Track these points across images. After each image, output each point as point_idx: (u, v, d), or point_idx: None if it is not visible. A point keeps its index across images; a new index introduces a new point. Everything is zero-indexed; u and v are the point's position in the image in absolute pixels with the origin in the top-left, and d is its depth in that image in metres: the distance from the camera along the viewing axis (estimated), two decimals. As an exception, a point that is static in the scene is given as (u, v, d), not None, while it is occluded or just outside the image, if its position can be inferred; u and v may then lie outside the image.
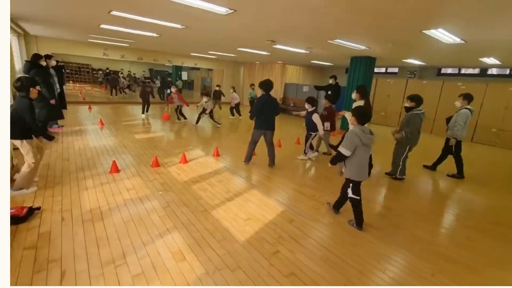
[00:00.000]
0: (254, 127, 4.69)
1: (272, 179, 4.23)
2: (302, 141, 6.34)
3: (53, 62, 5.90)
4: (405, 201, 3.75)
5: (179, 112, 8.77)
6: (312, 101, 5.08)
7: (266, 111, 4.53)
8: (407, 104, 4.41)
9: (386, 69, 12.10)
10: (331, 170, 4.87)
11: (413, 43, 5.66)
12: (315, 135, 5.28)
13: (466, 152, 7.60)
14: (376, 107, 10.66)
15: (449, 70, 10.31)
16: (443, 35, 4.59)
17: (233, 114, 10.32)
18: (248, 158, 4.90)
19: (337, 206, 3.22)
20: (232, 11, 4.07)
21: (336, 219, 3.13)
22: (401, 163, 4.49)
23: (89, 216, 2.80)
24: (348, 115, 3.90)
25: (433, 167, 5.40)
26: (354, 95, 4.66)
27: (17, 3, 4.78)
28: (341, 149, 2.74)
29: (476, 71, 9.64)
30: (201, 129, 7.95)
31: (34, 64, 5.14)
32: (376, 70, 9.90)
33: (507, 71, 8.98)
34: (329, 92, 7.96)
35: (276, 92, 13.71)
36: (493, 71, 9.32)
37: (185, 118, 8.96)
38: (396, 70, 11.67)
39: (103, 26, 6.49)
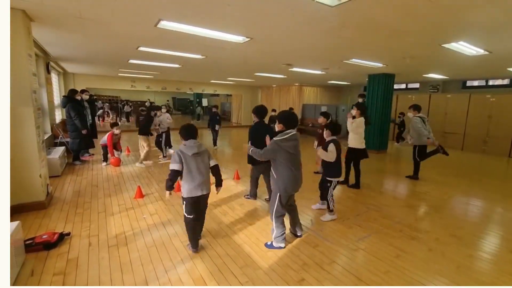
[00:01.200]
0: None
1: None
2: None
3: (86, 96, 6.43)
4: (439, 221, 3.45)
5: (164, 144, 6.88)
6: (334, 128, 3.48)
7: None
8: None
9: (407, 85, 11.84)
10: (354, 191, 4.67)
11: (432, 58, 5.54)
12: (336, 183, 3.54)
13: (503, 168, 7.02)
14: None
15: (475, 83, 9.87)
16: (465, 48, 4.46)
17: None
18: (253, 196, 4.21)
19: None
20: (249, 39, 4.27)
21: (366, 244, 2.93)
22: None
23: (115, 241, 2.86)
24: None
25: (414, 177, 5.49)
26: (354, 112, 4.69)
27: (57, 46, 5.38)
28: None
29: (506, 81, 9.14)
30: (220, 153, 8.07)
31: (70, 98, 5.68)
32: (396, 86, 9.73)
33: (542, 80, 8.43)
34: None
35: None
36: (525, 81, 8.79)
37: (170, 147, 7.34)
38: (417, 85, 11.37)
39: (131, 61, 7.06)
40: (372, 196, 4.43)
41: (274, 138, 2.65)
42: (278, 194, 2.68)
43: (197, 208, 2.62)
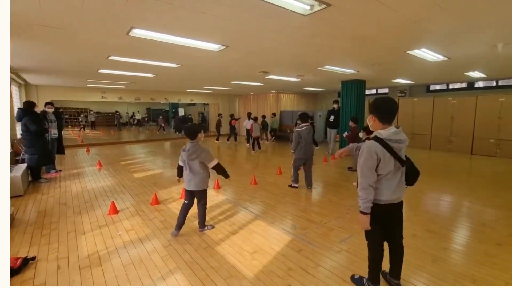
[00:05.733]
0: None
1: (276, 208, 4.10)
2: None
3: (50, 109, 5.96)
4: (415, 218, 3.60)
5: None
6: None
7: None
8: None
9: (377, 90, 12.48)
10: (336, 193, 4.77)
11: (399, 64, 5.90)
12: None
13: (467, 164, 7.58)
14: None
15: (438, 87, 10.65)
16: (427, 54, 4.81)
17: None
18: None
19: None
20: (224, 47, 4.28)
21: (349, 245, 2.97)
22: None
23: (87, 262, 2.64)
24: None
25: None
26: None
27: (19, 57, 5.03)
28: None
29: (464, 85, 9.96)
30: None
31: (26, 111, 5.15)
32: (367, 91, 10.22)
33: (494, 83, 9.28)
34: (332, 117, 8.17)
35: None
36: (480, 84, 9.63)
37: None
38: (386, 90, 12.03)
39: (101, 71, 6.77)
40: (352, 198, 4.54)
41: None
42: None
43: (188, 195, 3.18)
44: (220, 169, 3.15)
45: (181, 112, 18.19)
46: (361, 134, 5.17)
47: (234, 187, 5.23)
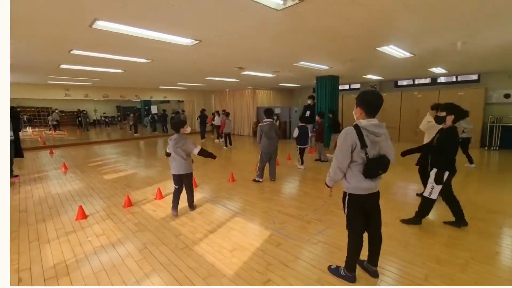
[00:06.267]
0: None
1: (255, 204, 4.10)
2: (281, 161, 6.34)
3: None
4: (385, 207, 3.78)
5: None
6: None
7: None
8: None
9: (350, 86, 12.91)
10: (310, 186, 4.88)
11: (369, 60, 6.13)
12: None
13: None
14: (345, 122, 11.19)
15: (405, 82, 11.25)
16: (394, 51, 5.04)
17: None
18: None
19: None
20: (198, 41, 4.15)
21: (326, 237, 3.04)
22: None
23: (52, 272, 2.45)
24: None
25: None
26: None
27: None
28: None
29: (428, 80, 10.61)
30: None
31: None
32: (340, 87, 10.53)
33: (454, 78, 10.00)
34: (308, 112, 8.29)
35: (249, 116, 13.93)
36: (442, 79, 10.32)
37: None
38: (358, 86, 12.48)
39: (63, 66, 6.28)
40: (327, 190, 4.66)
41: None
42: None
43: (177, 180, 3.64)
44: (205, 153, 3.58)
45: (154, 109, 17.54)
46: (317, 118, 6.03)
47: (212, 184, 5.15)
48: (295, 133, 6.07)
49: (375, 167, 1.95)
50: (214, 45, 4.46)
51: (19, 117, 6.77)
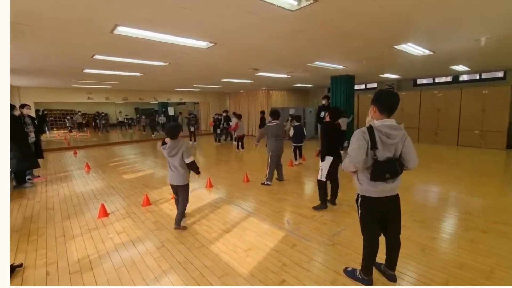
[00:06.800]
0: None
1: (269, 204, 4.11)
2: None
3: (27, 111, 5.73)
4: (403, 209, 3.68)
5: None
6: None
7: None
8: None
9: (366, 85, 12.64)
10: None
11: (386, 59, 5.98)
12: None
13: (454, 156, 7.78)
14: (361, 123, 10.95)
15: (424, 81, 10.87)
16: (413, 49, 4.89)
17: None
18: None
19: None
20: (212, 44, 4.23)
21: (341, 239, 3.01)
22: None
23: (77, 267, 2.58)
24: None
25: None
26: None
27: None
28: None
29: (449, 78, 10.20)
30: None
31: None
32: (356, 87, 10.33)
33: (477, 76, 9.55)
34: (323, 113, 8.19)
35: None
36: (465, 77, 9.88)
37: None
38: (375, 85, 12.20)
39: (86, 70, 6.59)
40: (342, 191, 4.59)
41: None
42: None
43: (174, 190, 3.36)
44: (193, 166, 3.22)
45: (170, 111, 17.96)
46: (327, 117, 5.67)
47: (226, 185, 5.22)
48: (291, 132, 6.56)
49: (382, 170, 1.88)
50: (229, 47, 4.52)
51: (46, 119, 7.17)
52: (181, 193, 3.28)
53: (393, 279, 2.21)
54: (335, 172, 3.83)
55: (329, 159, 3.68)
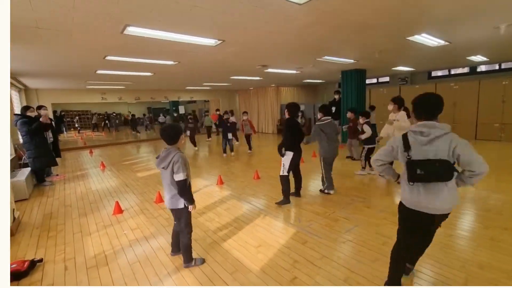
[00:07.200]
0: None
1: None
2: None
3: (44, 112, 5.89)
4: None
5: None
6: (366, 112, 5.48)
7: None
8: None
9: (378, 79, 12.33)
10: (336, 184, 4.74)
11: (399, 50, 5.80)
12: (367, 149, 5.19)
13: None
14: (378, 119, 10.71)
15: (439, 73, 10.49)
16: (427, 39, 4.71)
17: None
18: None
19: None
20: (221, 41, 4.22)
21: (354, 236, 2.96)
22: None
23: (94, 262, 2.67)
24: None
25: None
26: (391, 107, 4.72)
27: (17, 61, 5.01)
28: None
29: (466, 70, 9.80)
30: (201, 158, 7.92)
31: (22, 115, 5.15)
32: (367, 81, 10.10)
33: (496, 66, 9.12)
34: (334, 108, 8.07)
35: (273, 114, 13.90)
36: (482, 68, 9.46)
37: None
38: (387, 79, 11.88)
39: (99, 71, 6.75)
40: (356, 188, 4.52)
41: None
42: None
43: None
44: (182, 188, 2.25)
45: (181, 110, 18.17)
46: (361, 120, 5.26)
47: (237, 182, 5.23)
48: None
49: (413, 167, 1.70)
50: (237, 43, 4.51)
51: (63, 120, 7.44)
52: (176, 219, 2.47)
53: (406, 272, 2.16)
54: (297, 166, 3.99)
55: (289, 154, 3.78)
